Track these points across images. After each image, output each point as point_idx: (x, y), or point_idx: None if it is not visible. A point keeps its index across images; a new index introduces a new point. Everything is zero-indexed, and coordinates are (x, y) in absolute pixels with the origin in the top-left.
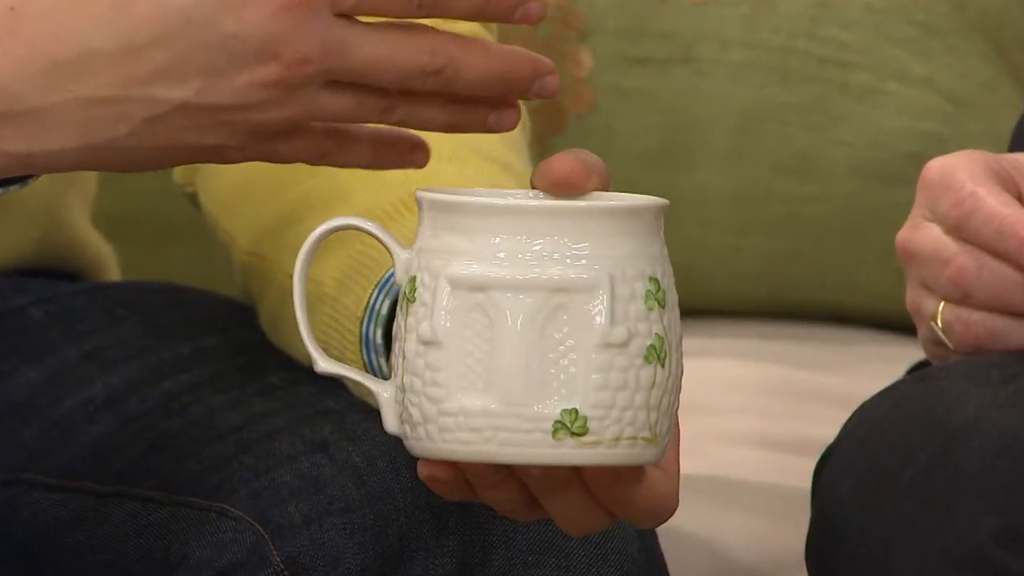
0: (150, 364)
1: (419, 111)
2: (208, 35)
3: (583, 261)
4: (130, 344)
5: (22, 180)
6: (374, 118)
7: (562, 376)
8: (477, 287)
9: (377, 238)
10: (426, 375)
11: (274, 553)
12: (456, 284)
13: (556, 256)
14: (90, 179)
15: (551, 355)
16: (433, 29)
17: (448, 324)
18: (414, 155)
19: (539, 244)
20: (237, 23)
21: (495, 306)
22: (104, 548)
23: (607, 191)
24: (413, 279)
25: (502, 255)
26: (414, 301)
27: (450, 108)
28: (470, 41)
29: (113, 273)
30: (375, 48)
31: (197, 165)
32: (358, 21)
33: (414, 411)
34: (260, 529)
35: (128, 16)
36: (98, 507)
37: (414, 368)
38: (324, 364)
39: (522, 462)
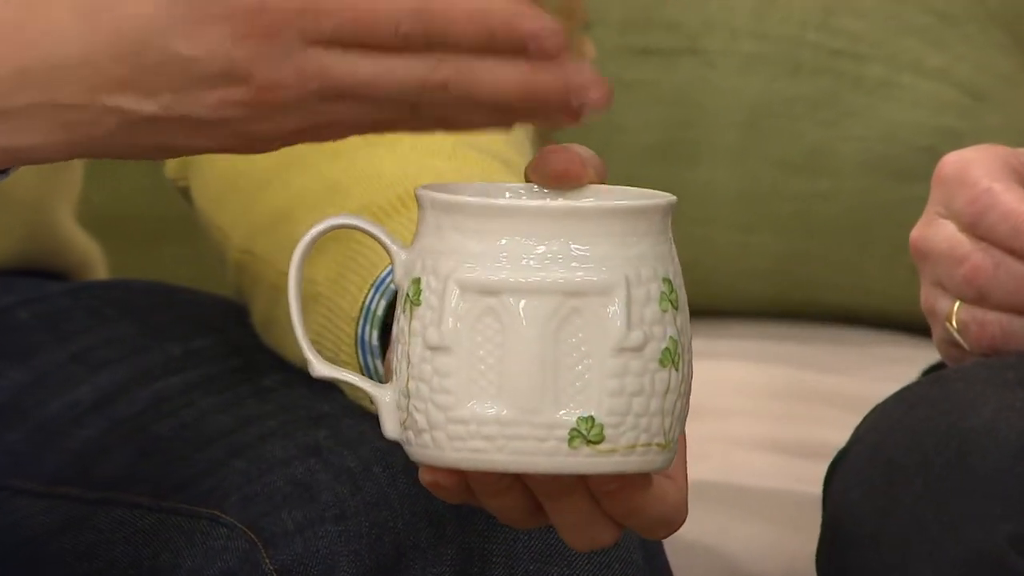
0: (140, 366)
1: (455, 114)
2: (164, 56)
3: (598, 263)
4: (119, 345)
5: (3, 172)
6: (404, 115)
7: (577, 383)
8: (489, 291)
9: (376, 237)
10: (434, 381)
11: (267, 561)
12: (466, 288)
13: (570, 258)
14: (76, 177)
15: (566, 361)
16: (442, 43)
17: (458, 329)
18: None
19: (551, 246)
20: (191, 47)
21: (508, 310)
22: (91, 556)
23: (603, 184)
24: (417, 281)
25: (514, 258)
26: (419, 304)
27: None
28: (482, 53)
29: (100, 273)
30: (360, 70)
31: (189, 158)
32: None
33: (419, 417)
34: (252, 536)
35: (91, 30)
36: (85, 514)
37: (420, 373)
38: (320, 368)
39: (535, 471)
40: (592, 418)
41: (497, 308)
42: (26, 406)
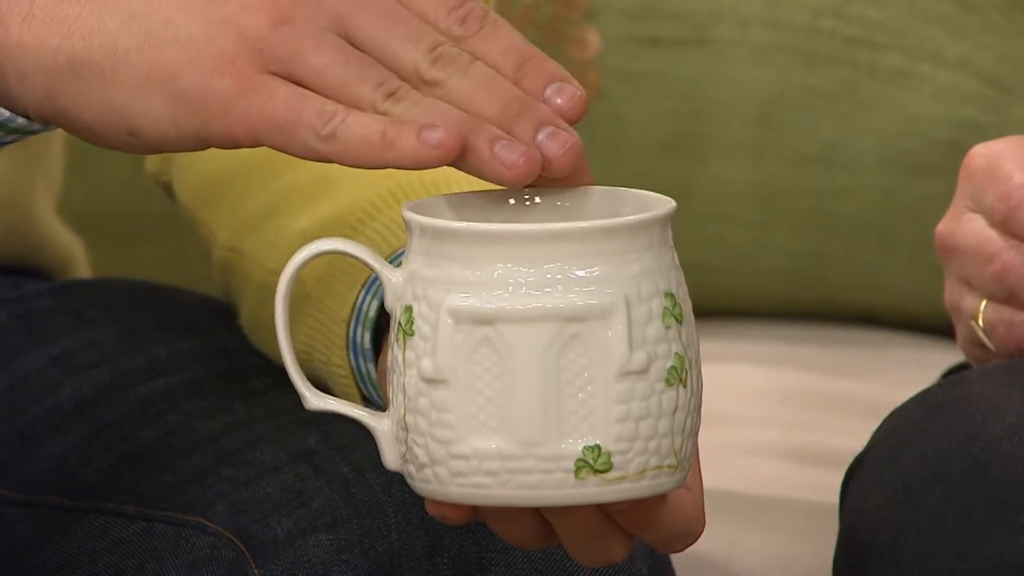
0: (122, 369)
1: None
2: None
3: (596, 285)
4: (101, 348)
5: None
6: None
7: (581, 411)
8: (483, 320)
9: (363, 262)
10: (432, 415)
11: (255, 571)
12: (459, 318)
13: (566, 282)
14: (56, 171)
15: (568, 389)
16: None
17: (453, 361)
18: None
19: (546, 270)
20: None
21: (504, 340)
22: (72, 567)
23: (598, 186)
24: (408, 309)
25: (508, 284)
26: (412, 334)
27: None
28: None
29: (82, 271)
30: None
31: (171, 155)
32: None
33: (419, 452)
34: (240, 545)
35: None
36: (66, 523)
37: (417, 407)
38: (315, 401)
39: (542, 504)
40: (598, 447)
41: (493, 338)
42: (4, 412)
